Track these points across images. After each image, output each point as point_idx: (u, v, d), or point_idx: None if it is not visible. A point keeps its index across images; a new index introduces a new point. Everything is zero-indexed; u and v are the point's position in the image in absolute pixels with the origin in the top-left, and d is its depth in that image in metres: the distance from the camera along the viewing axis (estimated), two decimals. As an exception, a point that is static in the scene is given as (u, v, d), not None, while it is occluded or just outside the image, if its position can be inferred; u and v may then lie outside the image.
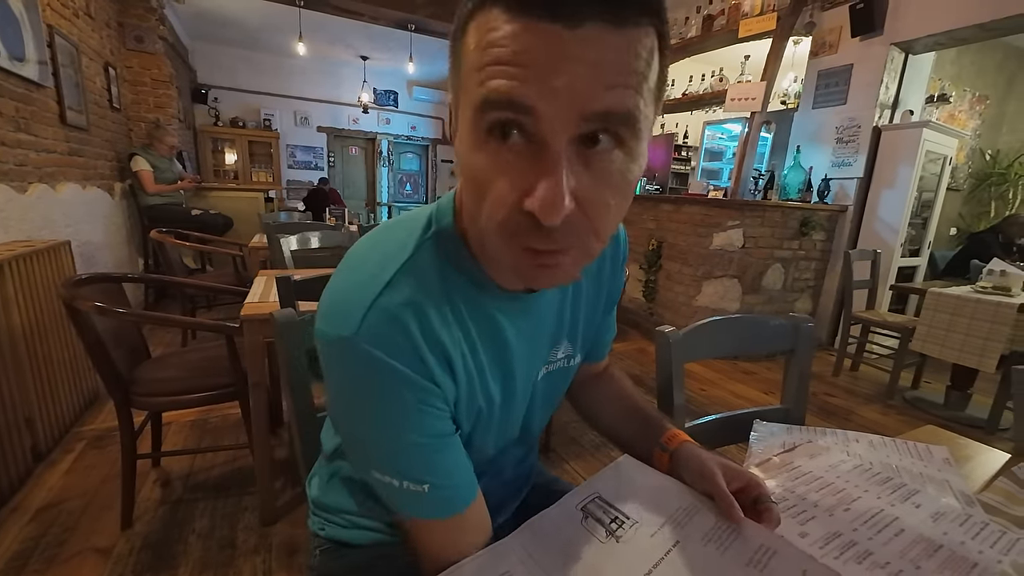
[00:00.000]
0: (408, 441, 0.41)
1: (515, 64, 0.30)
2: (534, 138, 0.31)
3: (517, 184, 0.32)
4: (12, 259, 1.52)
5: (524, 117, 0.31)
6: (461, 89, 0.34)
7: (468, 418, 0.47)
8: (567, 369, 0.58)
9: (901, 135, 2.98)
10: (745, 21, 3.27)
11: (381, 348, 0.39)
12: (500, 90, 0.30)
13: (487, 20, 0.31)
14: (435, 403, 0.42)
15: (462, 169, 0.36)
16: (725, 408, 2.04)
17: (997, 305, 2.08)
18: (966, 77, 4.21)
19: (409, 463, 0.42)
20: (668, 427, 0.53)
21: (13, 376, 1.47)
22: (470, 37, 0.33)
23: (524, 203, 0.32)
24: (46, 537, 1.29)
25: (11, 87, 1.99)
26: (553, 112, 0.30)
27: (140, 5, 3.76)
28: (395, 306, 0.40)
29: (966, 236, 3.95)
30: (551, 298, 0.51)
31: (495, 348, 0.46)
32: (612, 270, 0.58)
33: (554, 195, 0.31)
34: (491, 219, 0.35)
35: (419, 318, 0.40)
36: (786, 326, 0.84)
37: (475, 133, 0.33)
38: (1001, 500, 0.55)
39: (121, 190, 3.39)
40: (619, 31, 0.30)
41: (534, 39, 0.29)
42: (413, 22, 4.48)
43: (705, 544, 0.41)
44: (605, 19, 0.29)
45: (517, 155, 0.32)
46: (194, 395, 1.32)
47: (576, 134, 0.31)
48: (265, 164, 6.66)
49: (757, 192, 3.39)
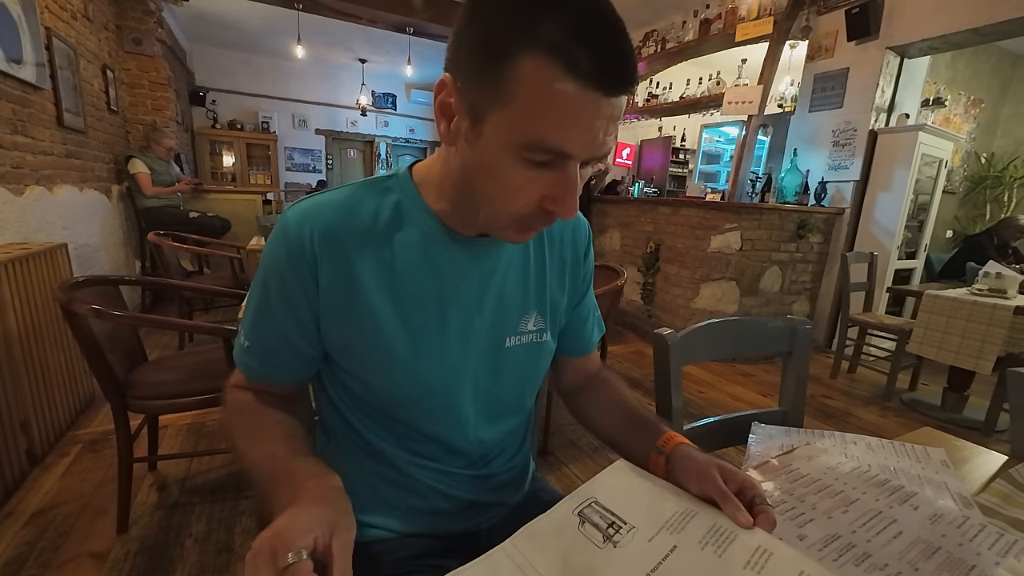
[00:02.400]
0: (264, 304, 0.52)
1: (571, 123, 0.39)
2: (558, 165, 0.42)
3: (543, 193, 0.44)
4: (8, 261, 1.51)
5: (561, 155, 0.41)
6: (497, 111, 0.40)
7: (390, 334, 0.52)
8: (539, 345, 0.60)
9: (897, 138, 3.00)
10: (742, 25, 3.29)
11: (293, 227, 0.50)
12: (557, 141, 0.40)
13: (546, 74, 0.37)
14: (299, 295, 0.51)
15: (482, 171, 0.44)
16: (723, 410, 2.04)
17: (993, 307, 2.09)
18: (961, 81, 4.24)
19: (250, 320, 0.54)
20: (664, 430, 0.53)
21: (8, 379, 1.46)
22: (523, 75, 0.38)
23: (544, 205, 0.44)
24: (41, 542, 1.28)
25: (8, 89, 1.98)
26: (581, 153, 0.41)
27: (138, 8, 3.76)
28: (324, 202, 0.51)
29: (962, 239, 3.96)
30: (509, 262, 0.57)
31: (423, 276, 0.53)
32: (574, 252, 0.64)
33: (575, 203, 0.44)
34: (513, 211, 0.45)
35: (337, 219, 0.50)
36: (784, 328, 0.85)
37: (514, 155, 0.41)
38: (998, 502, 0.55)
39: (118, 192, 3.38)
40: (624, 100, 0.41)
41: (588, 106, 0.38)
42: (411, 25, 4.50)
43: (703, 547, 0.40)
44: (625, 93, 0.40)
45: (545, 175, 0.42)
46: (191, 398, 1.31)
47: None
48: (263, 166, 6.66)
49: (754, 195, 3.40)
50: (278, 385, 0.56)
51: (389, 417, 0.56)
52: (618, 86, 0.39)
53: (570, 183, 0.42)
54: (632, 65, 0.39)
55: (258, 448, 0.49)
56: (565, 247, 0.63)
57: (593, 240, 0.70)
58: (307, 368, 0.56)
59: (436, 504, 0.59)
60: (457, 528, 0.61)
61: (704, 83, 4.02)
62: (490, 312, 0.55)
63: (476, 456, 0.60)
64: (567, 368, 0.70)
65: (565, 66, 0.37)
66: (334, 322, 0.51)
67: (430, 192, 0.53)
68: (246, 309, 0.55)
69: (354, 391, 0.56)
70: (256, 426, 0.52)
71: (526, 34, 0.37)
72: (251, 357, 0.54)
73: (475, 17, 0.40)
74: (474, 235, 0.53)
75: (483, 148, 0.43)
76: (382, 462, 0.58)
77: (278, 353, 0.53)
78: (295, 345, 0.53)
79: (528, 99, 0.38)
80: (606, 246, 4.16)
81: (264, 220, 3.47)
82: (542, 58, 0.37)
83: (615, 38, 0.38)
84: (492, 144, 0.42)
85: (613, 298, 1.91)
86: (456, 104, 0.43)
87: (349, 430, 0.58)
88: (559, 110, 0.38)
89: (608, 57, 0.38)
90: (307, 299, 0.51)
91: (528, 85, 0.38)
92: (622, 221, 3.95)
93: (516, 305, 0.57)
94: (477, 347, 0.55)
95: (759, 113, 3.18)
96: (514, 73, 0.38)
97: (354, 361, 0.53)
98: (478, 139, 0.43)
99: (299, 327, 0.52)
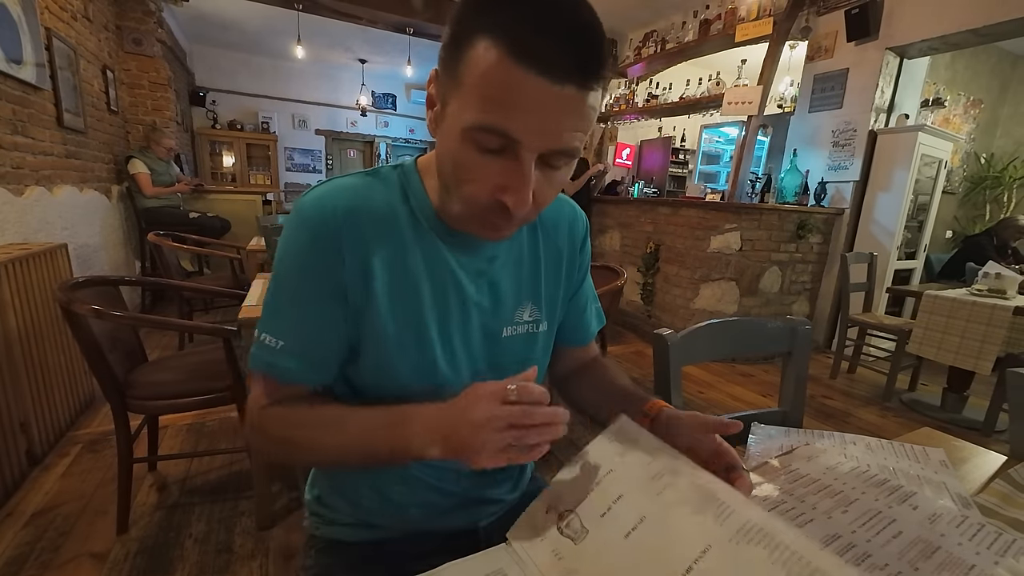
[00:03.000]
0: (293, 296, 0.50)
1: (510, 104, 0.39)
2: (511, 154, 0.42)
3: (495, 182, 0.43)
4: (8, 262, 1.51)
5: (508, 141, 0.40)
6: (455, 95, 0.41)
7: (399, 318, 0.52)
8: (535, 335, 0.61)
9: (896, 139, 3.00)
10: (742, 25, 3.30)
11: (312, 208, 0.49)
12: (496, 121, 0.39)
13: (491, 55, 0.38)
14: (326, 275, 0.49)
15: (447, 156, 0.45)
16: (723, 411, 2.04)
17: (992, 308, 2.09)
18: (960, 81, 4.25)
19: (279, 319, 0.50)
20: (650, 398, 0.56)
21: (8, 380, 1.46)
22: (473, 57, 0.39)
23: (497, 195, 0.43)
24: (41, 542, 1.28)
25: (8, 90, 1.98)
26: (529, 142, 0.40)
27: (138, 8, 3.76)
28: (340, 186, 0.50)
29: (961, 239, 3.97)
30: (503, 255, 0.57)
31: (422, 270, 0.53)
32: (571, 243, 0.65)
33: (524, 196, 0.43)
34: (469, 201, 0.45)
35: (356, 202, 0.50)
36: (783, 329, 0.85)
37: (465, 139, 0.42)
38: (997, 502, 0.55)
39: (118, 193, 3.38)
40: (583, 93, 0.40)
41: (528, 87, 0.38)
42: (411, 25, 4.50)
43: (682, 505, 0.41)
44: (578, 85, 0.39)
45: (496, 162, 0.42)
46: (191, 398, 1.32)
47: (539, 155, 0.42)
48: (263, 167, 6.66)
49: (754, 195, 3.41)
50: (314, 388, 0.53)
51: None
52: (569, 75, 0.38)
53: (521, 173, 0.42)
54: (592, 58, 0.39)
55: (335, 437, 0.48)
56: (561, 238, 0.63)
57: (593, 240, 0.71)
58: (342, 360, 0.53)
59: (434, 500, 0.59)
60: (456, 525, 0.61)
61: (704, 83, 4.02)
62: (486, 303, 0.56)
63: None
64: (564, 357, 0.70)
65: (509, 47, 0.37)
66: (352, 305, 0.51)
67: (429, 184, 0.54)
68: (269, 308, 0.51)
69: (353, 383, 0.56)
70: (318, 421, 0.50)
71: (483, 19, 0.38)
72: (288, 358, 0.50)
73: (456, 11, 0.42)
74: None
75: (445, 133, 0.44)
76: None
77: (321, 344, 0.51)
78: (338, 329, 0.51)
79: (475, 80, 0.39)
80: (606, 246, 4.16)
81: (264, 220, 3.47)
82: (491, 40, 0.38)
83: (572, 28, 0.38)
84: (451, 128, 0.43)
85: (613, 298, 1.91)
86: (436, 93, 0.45)
87: None
88: (503, 92, 0.38)
89: (559, 44, 0.37)
90: (335, 279, 0.49)
91: (475, 66, 0.39)
92: (622, 221, 3.95)
93: (511, 296, 0.58)
94: (474, 338, 0.56)
95: (759, 113, 3.18)
96: (467, 56, 0.39)
97: (354, 349, 0.53)
98: (442, 124, 0.44)
99: (336, 311, 0.50)
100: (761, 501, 0.52)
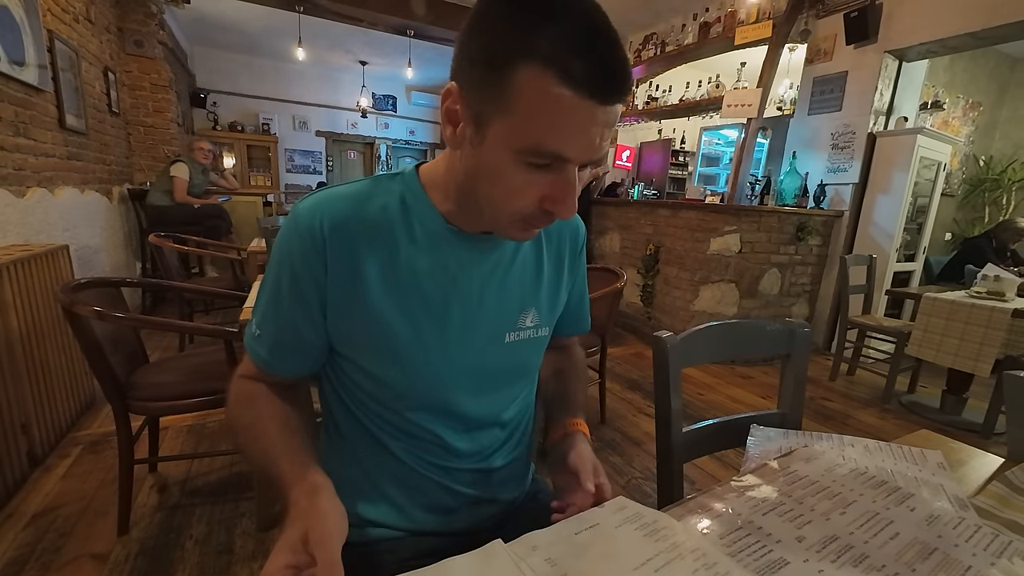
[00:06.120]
0: (275, 294, 0.54)
1: (567, 128, 0.42)
2: (557, 168, 0.45)
3: (543, 194, 0.46)
4: (10, 263, 1.51)
5: (558, 158, 0.44)
6: (500, 118, 0.43)
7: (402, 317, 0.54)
8: (536, 340, 0.63)
9: (895, 141, 3.01)
10: (741, 28, 3.31)
11: (304, 217, 0.51)
12: (555, 146, 0.42)
13: (543, 83, 0.40)
14: (310, 284, 0.52)
15: (485, 174, 0.47)
16: (722, 412, 2.04)
17: (992, 310, 2.10)
18: (959, 84, 4.26)
19: (260, 310, 0.56)
20: (578, 415, 0.64)
21: (10, 381, 1.46)
22: (521, 83, 0.40)
23: (545, 205, 0.47)
24: (42, 543, 1.29)
25: (11, 91, 1.99)
26: (578, 157, 0.44)
27: (140, 10, 3.78)
28: (336, 195, 0.53)
29: (960, 241, 3.97)
30: (508, 261, 0.60)
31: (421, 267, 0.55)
32: (572, 250, 0.68)
33: (572, 204, 0.47)
34: (515, 211, 0.48)
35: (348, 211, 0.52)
36: (783, 331, 0.85)
37: (517, 160, 0.44)
38: (994, 504, 0.55)
39: (119, 194, 3.39)
40: (619, 108, 0.44)
41: (583, 113, 0.41)
42: (412, 28, 4.51)
43: None
44: (618, 101, 0.43)
45: (544, 176, 0.45)
46: (192, 400, 1.32)
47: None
48: (263, 168, 6.67)
49: (754, 197, 3.41)
50: (284, 377, 0.58)
51: (391, 410, 0.57)
52: (612, 95, 0.41)
53: (568, 185, 0.45)
54: (625, 75, 0.42)
55: (254, 443, 0.52)
56: (564, 246, 0.66)
57: (593, 242, 0.73)
58: (313, 360, 0.58)
59: (437, 499, 0.60)
60: (459, 525, 0.62)
61: (703, 86, 4.03)
62: (490, 308, 0.58)
63: (476, 450, 0.61)
64: None
65: (561, 76, 0.39)
66: (340, 312, 0.53)
67: (436, 192, 0.55)
68: (258, 298, 0.56)
69: (358, 384, 0.57)
70: (253, 419, 0.54)
71: (525, 46, 0.40)
72: (261, 345, 0.56)
73: (478, 30, 0.43)
74: (477, 234, 0.56)
75: (486, 152, 0.45)
76: (385, 457, 0.59)
77: (286, 343, 0.55)
78: (303, 335, 0.54)
79: (528, 107, 0.41)
80: (606, 248, 4.16)
81: (265, 222, 3.48)
82: (540, 69, 0.39)
83: (609, 50, 0.40)
84: (495, 149, 0.44)
85: (613, 300, 1.91)
86: (461, 111, 0.46)
87: (351, 426, 0.60)
88: (557, 117, 0.41)
89: (602, 68, 0.40)
90: (316, 288, 0.52)
91: (528, 93, 0.40)
92: (622, 223, 3.95)
93: (515, 302, 0.60)
94: (477, 342, 0.57)
95: (758, 116, 3.19)
96: (514, 83, 0.41)
97: (357, 353, 0.55)
98: (482, 144, 0.45)
99: (308, 317, 0.53)
100: (760, 503, 0.52)
